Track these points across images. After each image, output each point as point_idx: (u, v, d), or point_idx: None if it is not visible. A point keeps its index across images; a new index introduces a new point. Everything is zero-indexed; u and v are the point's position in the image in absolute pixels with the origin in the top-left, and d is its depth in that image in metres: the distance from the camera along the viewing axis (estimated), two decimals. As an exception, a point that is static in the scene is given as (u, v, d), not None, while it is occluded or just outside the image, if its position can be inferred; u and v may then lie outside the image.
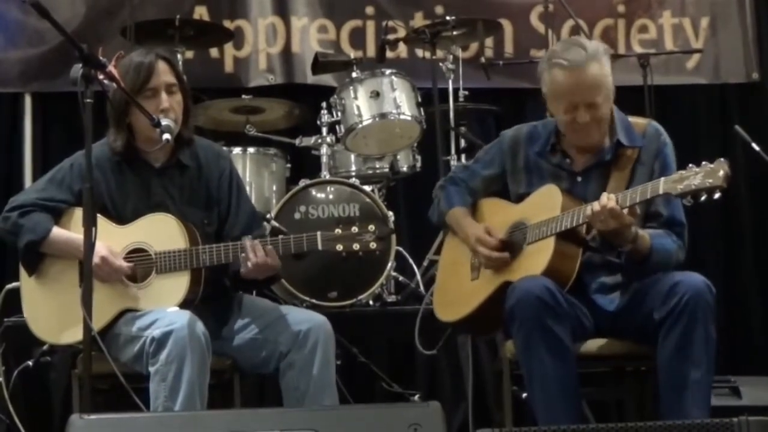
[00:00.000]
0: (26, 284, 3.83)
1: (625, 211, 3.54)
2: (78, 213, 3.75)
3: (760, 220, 6.21)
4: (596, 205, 3.55)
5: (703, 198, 3.39)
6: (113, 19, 5.85)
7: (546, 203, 3.73)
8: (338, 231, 3.67)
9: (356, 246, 3.66)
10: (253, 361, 3.80)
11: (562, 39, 5.00)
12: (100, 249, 3.61)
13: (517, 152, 3.91)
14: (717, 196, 3.38)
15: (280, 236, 3.73)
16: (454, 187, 4.04)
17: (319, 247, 3.68)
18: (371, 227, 3.67)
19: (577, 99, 3.68)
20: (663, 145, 3.80)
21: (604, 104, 3.70)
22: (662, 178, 3.50)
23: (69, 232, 3.76)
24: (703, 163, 3.41)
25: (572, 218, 3.62)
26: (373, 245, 3.66)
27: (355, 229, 3.67)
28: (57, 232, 3.77)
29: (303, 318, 3.78)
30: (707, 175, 3.38)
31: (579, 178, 3.81)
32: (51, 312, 3.77)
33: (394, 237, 4.89)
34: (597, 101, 3.68)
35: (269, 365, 3.76)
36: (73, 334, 3.59)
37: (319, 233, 3.69)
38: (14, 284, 4.01)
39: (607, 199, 3.54)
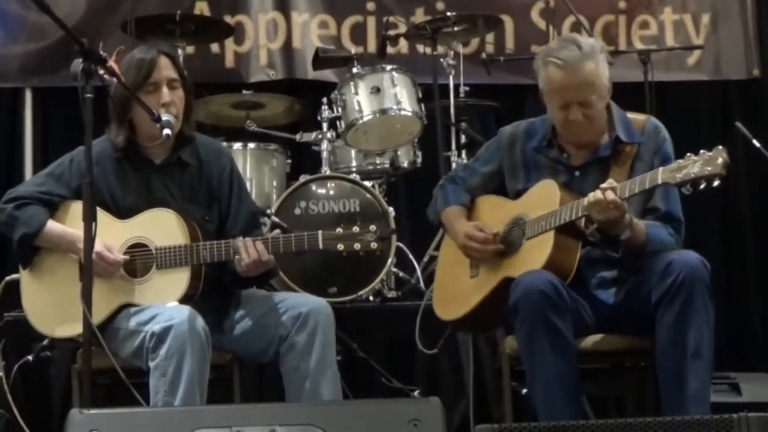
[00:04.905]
0: (26, 276, 3.83)
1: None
2: (74, 206, 3.76)
3: (760, 216, 6.20)
4: (597, 194, 3.52)
5: (702, 186, 3.36)
6: (114, 14, 5.85)
7: (544, 198, 3.72)
8: (339, 230, 3.67)
9: (357, 246, 3.65)
10: (253, 350, 3.80)
11: (560, 35, 4.96)
12: (95, 244, 3.60)
13: (515, 148, 3.91)
14: (716, 183, 3.36)
15: (281, 235, 3.73)
16: (453, 185, 4.05)
17: (320, 246, 3.68)
18: (372, 227, 3.67)
19: (570, 97, 3.68)
20: (662, 141, 3.80)
21: (597, 103, 3.70)
22: (661, 168, 3.49)
23: (63, 226, 3.76)
24: (702, 151, 3.39)
25: (571, 211, 3.61)
26: (374, 245, 3.66)
27: (356, 228, 3.66)
28: (52, 225, 3.76)
29: (302, 302, 3.79)
30: (706, 163, 3.36)
31: (577, 173, 3.81)
32: (50, 304, 3.77)
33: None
34: (590, 100, 3.68)
35: (269, 352, 3.76)
36: (72, 328, 3.58)
37: (320, 232, 3.68)
38: (14, 276, 4.00)
39: (604, 192, 3.50)
